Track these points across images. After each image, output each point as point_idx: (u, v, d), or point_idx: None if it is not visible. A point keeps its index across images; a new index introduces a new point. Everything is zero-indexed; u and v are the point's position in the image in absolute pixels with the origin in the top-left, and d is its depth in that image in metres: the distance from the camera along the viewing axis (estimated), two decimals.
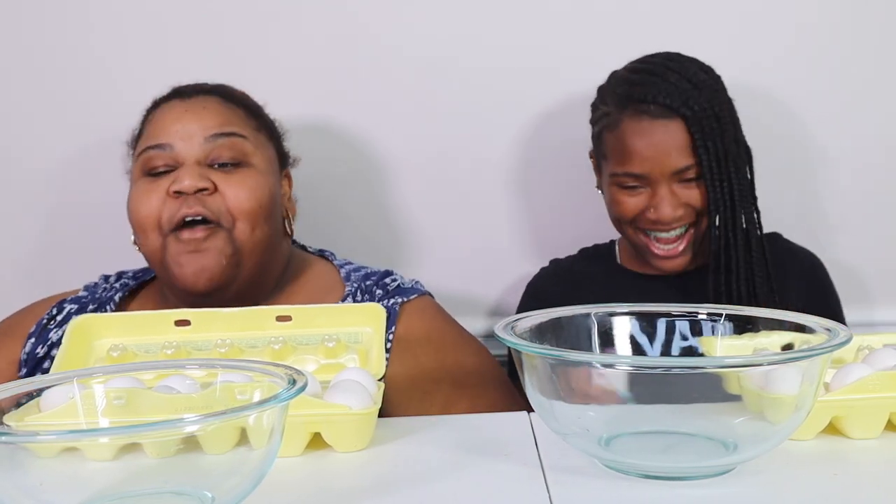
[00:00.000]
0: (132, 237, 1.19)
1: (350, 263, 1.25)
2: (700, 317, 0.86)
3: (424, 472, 0.77)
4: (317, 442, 0.82)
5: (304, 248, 1.29)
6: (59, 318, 1.17)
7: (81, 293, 1.21)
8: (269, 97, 1.25)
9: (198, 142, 1.13)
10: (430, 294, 1.23)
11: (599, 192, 1.37)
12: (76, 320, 0.99)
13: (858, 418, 0.82)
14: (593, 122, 1.35)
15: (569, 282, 1.39)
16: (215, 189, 1.12)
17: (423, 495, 0.72)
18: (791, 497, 0.71)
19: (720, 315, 0.86)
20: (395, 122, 1.53)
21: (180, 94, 1.19)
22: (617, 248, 1.43)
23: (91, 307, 1.19)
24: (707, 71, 1.30)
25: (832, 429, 0.83)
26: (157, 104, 1.20)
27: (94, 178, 1.50)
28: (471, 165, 1.55)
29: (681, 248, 1.29)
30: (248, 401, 0.73)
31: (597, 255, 1.43)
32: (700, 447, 0.74)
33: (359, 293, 1.17)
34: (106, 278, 1.25)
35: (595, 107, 1.35)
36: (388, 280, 1.20)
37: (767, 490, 0.72)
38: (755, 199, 1.31)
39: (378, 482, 0.76)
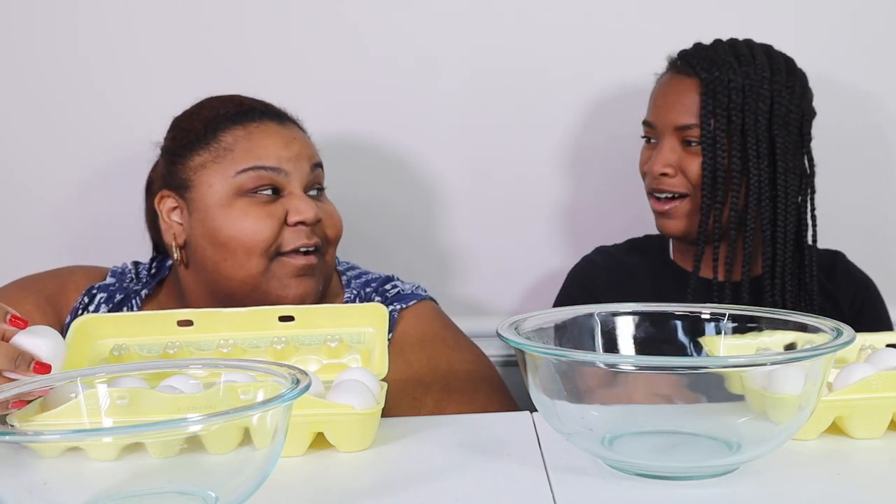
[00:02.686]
0: (177, 255, 1.15)
1: (353, 268, 1.25)
2: (703, 316, 0.86)
3: (427, 472, 0.77)
4: (320, 442, 0.82)
5: None
6: (91, 308, 1.17)
7: (109, 280, 1.21)
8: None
9: (306, 170, 1.15)
10: (431, 299, 1.23)
11: None
12: (79, 320, 0.99)
13: (862, 418, 0.82)
14: None
15: (621, 272, 1.35)
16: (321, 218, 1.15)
17: (426, 495, 0.73)
18: (794, 497, 0.71)
19: (723, 315, 0.86)
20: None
21: (267, 115, 1.17)
22: (671, 242, 1.39)
23: (119, 297, 1.18)
24: (773, 58, 1.27)
25: (835, 429, 0.83)
26: (238, 119, 1.15)
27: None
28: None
29: (667, 208, 1.27)
30: (251, 401, 0.73)
31: (648, 248, 1.39)
32: (703, 447, 0.74)
33: (358, 300, 1.18)
34: (135, 265, 1.25)
35: None
36: (388, 286, 1.20)
37: (771, 490, 0.72)
38: (805, 214, 1.28)
39: (381, 482, 0.76)
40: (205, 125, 1.16)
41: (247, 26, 1.50)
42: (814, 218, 1.29)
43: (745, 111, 1.23)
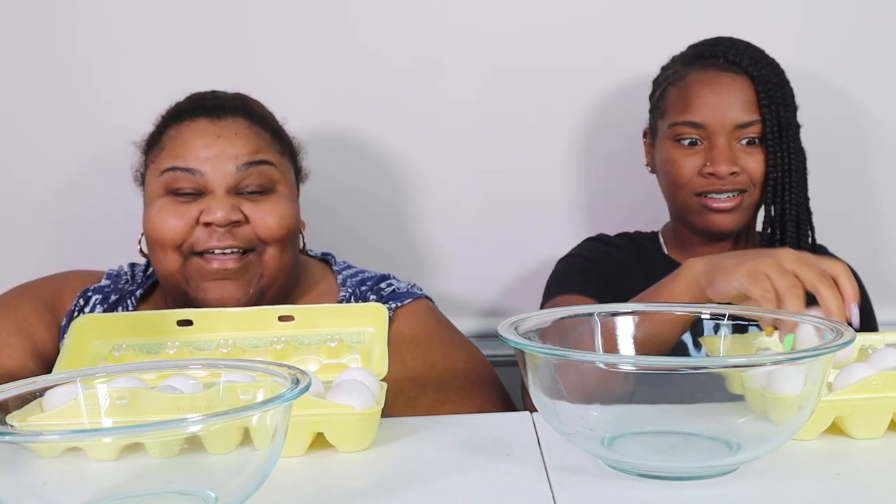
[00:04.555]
0: (139, 247, 1.18)
1: (349, 268, 1.25)
2: (703, 316, 0.86)
3: (427, 472, 0.77)
4: (320, 442, 0.82)
5: (305, 251, 1.28)
6: (86, 309, 1.17)
7: (104, 282, 1.21)
8: (287, 106, 1.24)
9: (229, 170, 1.11)
10: (427, 297, 1.23)
11: (649, 169, 1.36)
12: (79, 320, 0.99)
13: (861, 418, 0.82)
14: (655, 87, 1.34)
15: (624, 258, 1.35)
16: (245, 220, 1.11)
17: (426, 495, 0.72)
18: (794, 497, 0.71)
19: (723, 315, 0.86)
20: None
21: (207, 112, 1.15)
22: (661, 238, 1.39)
23: (114, 297, 1.19)
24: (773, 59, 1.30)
25: (835, 429, 0.83)
26: (179, 117, 1.16)
27: (103, 188, 1.49)
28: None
29: (731, 204, 1.25)
30: (251, 401, 0.73)
31: (641, 242, 1.39)
32: (703, 447, 0.74)
33: (353, 298, 1.18)
34: (131, 267, 1.25)
35: (657, 78, 1.34)
36: (383, 285, 1.20)
37: (771, 490, 0.72)
38: (807, 199, 1.30)
39: (381, 482, 0.76)
40: (158, 124, 1.19)
41: (246, 25, 1.50)
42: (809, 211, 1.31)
43: (786, 108, 1.25)
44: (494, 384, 1.19)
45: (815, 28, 1.53)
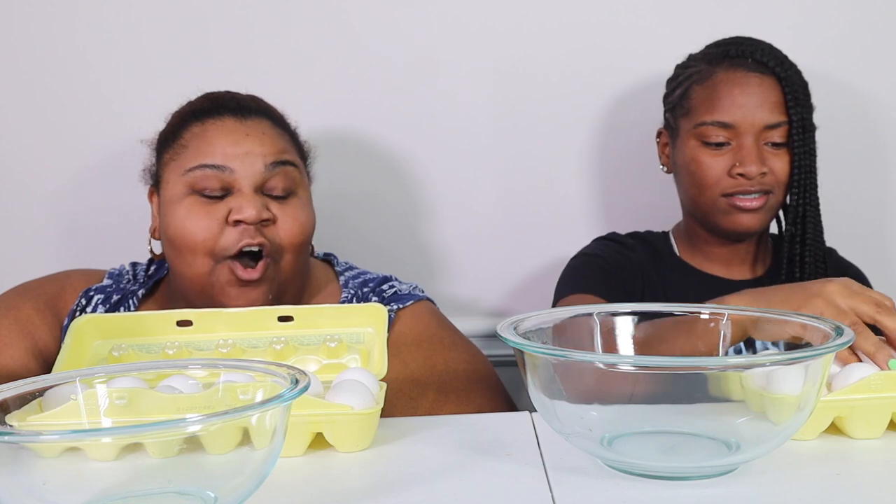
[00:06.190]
0: (149, 246, 1.18)
1: (351, 269, 1.25)
2: (703, 316, 0.86)
3: (427, 472, 0.77)
4: (319, 442, 0.82)
5: (313, 253, 1.28)
6: (88, 309, 1.17)
7: (106, 282, 1.21)
8: (288, 107, 1.24)
9: (258, 169, 1.11)
10: (429, 299, 1.23)
11: (664, 169, 1.36)
12: (79, 320, 0.99)
13: (861, 418, 0.82)
14: (674, 86, 1.33)
15: (638, 259, 1.34)
16: (273, 220, 1.11)
17: (426, 495, 0.72)
18: (794, 497, 0.71)
19: (722, 315, 0.85)
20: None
21: (231, 111, 1.15)
22: (672, 239, 1.39)
23: (116, 297, 1.19)
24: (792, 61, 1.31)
25: (834, 429, 0.83)
26: (201, 115, 1.15)
27: (104, 189, 1.50)
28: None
29: (758, 204, 1.26)
30: (250, 401, 0.73)
31: (653, 243, 1.39)
32: (702, 447, 0.74)
33: (355, 300, 1.18)
34: (133, 266, 1.25)
35: (675, 76, 1.33)
36: (385, 287, 1.20)
37: (770, 490, 0.72)
38: (818, 200, 1.30)
39: (380, 482, 0.76)
40: (174, 122, 1.18)
41: (248, 24, 1.50)
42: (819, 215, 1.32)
43: (807, 107, 1.26)
44: (495, 385, 1.19)
45: (814, 28, 1.53)
